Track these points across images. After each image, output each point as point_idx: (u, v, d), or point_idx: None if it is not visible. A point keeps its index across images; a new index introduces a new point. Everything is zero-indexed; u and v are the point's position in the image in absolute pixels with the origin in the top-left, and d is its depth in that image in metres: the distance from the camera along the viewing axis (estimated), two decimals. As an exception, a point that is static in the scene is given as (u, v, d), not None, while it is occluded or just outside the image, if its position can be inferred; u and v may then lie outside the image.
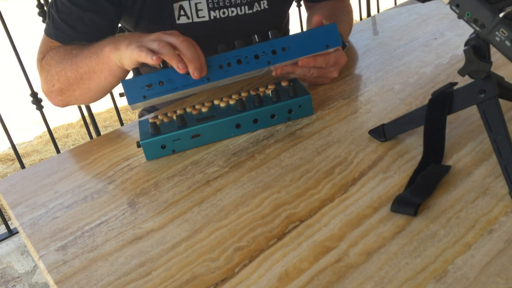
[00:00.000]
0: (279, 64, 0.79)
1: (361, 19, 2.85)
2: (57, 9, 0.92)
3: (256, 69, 0.76)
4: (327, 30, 0.77)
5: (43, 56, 0.95)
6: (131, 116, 2.99)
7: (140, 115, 1.22)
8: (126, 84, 0.74)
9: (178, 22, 0.98)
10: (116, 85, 0.88)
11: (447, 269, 0.50)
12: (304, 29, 1.16)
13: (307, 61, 0.81)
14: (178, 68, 0.72)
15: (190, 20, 0.98)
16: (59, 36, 0.93)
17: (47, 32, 0.95)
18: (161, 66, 0.74)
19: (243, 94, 0.81)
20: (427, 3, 1.15)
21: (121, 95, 0.77)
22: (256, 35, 0.76)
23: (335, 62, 0.85)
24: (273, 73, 0.83)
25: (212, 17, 0.99)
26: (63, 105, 0.98)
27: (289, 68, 0.82)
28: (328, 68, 0.85)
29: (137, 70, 0.75)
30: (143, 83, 0.74)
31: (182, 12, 0.97)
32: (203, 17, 0.98)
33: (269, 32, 0.77)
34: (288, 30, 1.21)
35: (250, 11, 1.01)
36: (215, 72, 0.74)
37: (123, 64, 0.80)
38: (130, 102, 0.74)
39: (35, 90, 1.80)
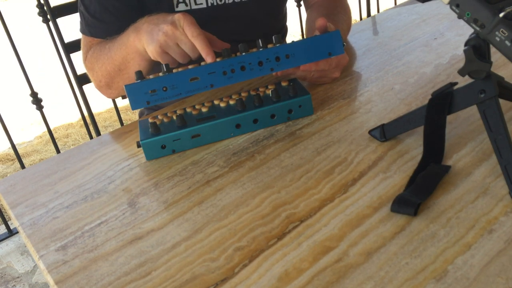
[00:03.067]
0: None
1: (361, 19, 2.85)
2: (85, 6, 0.97)
3: (259, 76, 0.76)
4: (331, 38, 0.76)
5: (86, 56, 1.00)
6: (131, 116, 3.00)
7: (140, 115, 1.22)
8: (129, 88, 0.73)
9: (176, 9, 0.99)
10: (152, 66, 0.92)
11: (447, 269, 0.50)
12: (304, 29, 1.16)
13: (309, 66, 0.81)
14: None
15: (188, 7, 1.00)
16: (92, 31, 0.98)
17: (82, 30, 1.00)
18: (165, 70, 0.74)
19: (243, 94, 0.81)
20: (427, 3, 1.15)
21: (123, 97, 0.77)
22: (260, 40, 0.76)
23: (337, 63, 0.85)
24: (274, 73, 0.83)
25: (209, 4, 1.00)
26: (116, 97, 1.04)
27: (290, 70, 0.83)
28: (329, 69, 0.85)
29: (140, 74, 0.74)
30: (147, 88, 0.73)
31: (180, 0, 0.99)
32: (201, 4, 1.00)
33: (273, 37, 0.76)
34: (285, 23, 1.21)
35: None
36: (218, 78, 0.74)
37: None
38: (134, 107, 0.74)
39: (35, 90, 1.80)
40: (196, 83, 0.74)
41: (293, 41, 0.76)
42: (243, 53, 0.75)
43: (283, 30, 1.19)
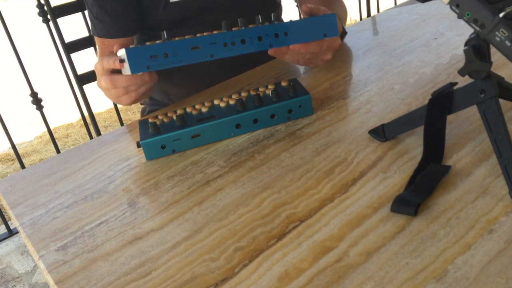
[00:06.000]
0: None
1: (361, 19, 2.85)
2: (89, 8, 0.99)
3: (258, 50, 0.76)
4: (327, 20, 0.79)
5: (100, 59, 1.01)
6: (131, 116, 3.00)
7: (142, 112, 1.22)
8: (130, 52, 0.72)
9: (171, 0, 1.00)
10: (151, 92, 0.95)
11: (447, 269, 0.50)
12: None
13: (298, 47, 0.81)
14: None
15: None
16: (98, 31, 1.01)
17: (91, 32, 1.03)
18: (165, 37, 0.74)
19: (243, 94, 0.81)
20: (427, 3, 1.15)
21: (121, 61, 0.75)
22: (259, 16, 0.77)
23: (329, 46, 0.86)
24: (269, 52, 0.84)
25: None
26: None
27: (284, 49, 0.83)
28: (321, 51, 0.85)
29: (140, 38, 0.74)
30: (148, 53, 0.72)
31: None
32: None
33: (272, 15, 0.78)
34: (281, 14, 1.21)
35: None
36: (219, 49, 0.75)
37: None
38: (133, 70, 0.73)
39: (35, 90, 1.80)
40: (197, 52, 0.74)
41: (291, 20, 0.78)
42: (243, 27, 0.75)
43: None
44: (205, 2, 1.01)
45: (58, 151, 1.99)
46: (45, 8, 1.31)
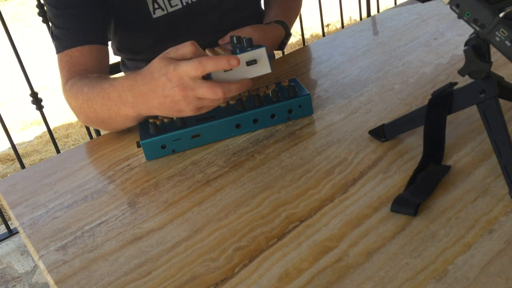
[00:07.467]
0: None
1: (361, 19, 2.85)
2: (52, 22, 0.92)
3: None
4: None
5: (65, 80, 0.92)
6: (131, 116, 2.99)
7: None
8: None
9: (154, 16, 0.99)
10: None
11: (447, 269, 0.50)
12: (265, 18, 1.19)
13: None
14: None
15: (165, 12, 0.99)
16: (63, 44, 0.91)
17: (56, 49, 0.93)
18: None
19: (243, 94, 0.81)
20: (427, 3, 1.15)
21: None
22: (234, 37, 0.75)
23: None
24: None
25: (184, 3, 1.00)
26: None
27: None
28: None
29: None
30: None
31: (156, 6, 0.98)
32: (176, 5, 1.00)
33: (244, 40, 0.73)
34: (261, 8, 1.21)
35: None
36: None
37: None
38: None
39: (35, 90, 1.80)
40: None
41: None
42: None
43: (259, 16, 1.19)
44: (188, 10, 1.01)
45: (58, 151, 1.99)
46: (45, 8, 1.31)
